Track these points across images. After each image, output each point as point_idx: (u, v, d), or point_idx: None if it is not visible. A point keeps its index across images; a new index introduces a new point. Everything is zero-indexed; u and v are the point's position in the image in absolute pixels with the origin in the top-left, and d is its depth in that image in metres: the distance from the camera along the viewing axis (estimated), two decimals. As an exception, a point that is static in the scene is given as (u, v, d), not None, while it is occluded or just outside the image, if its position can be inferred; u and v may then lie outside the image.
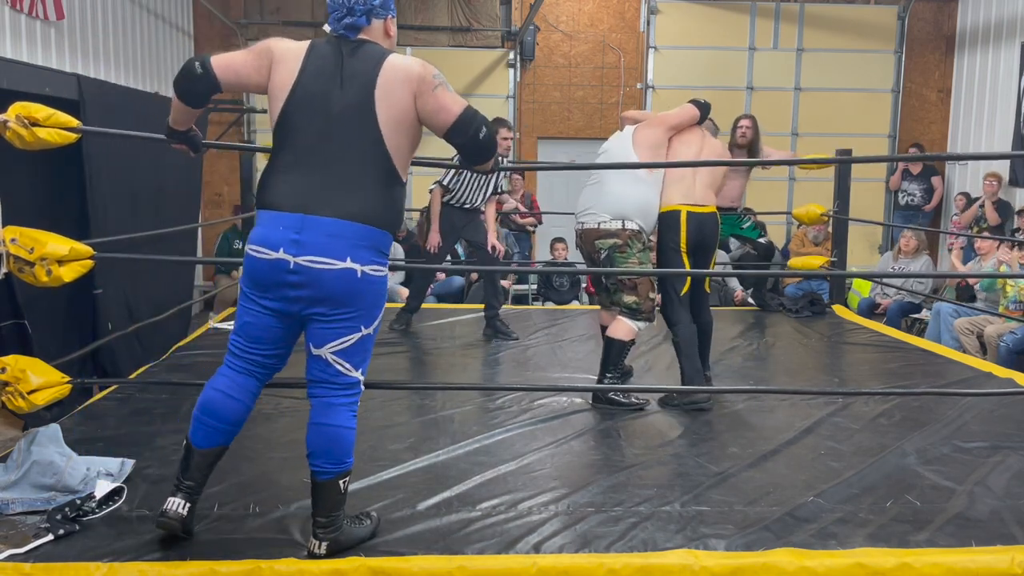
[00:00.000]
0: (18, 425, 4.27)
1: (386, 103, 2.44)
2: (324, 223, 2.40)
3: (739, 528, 2.74)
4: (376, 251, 2.46)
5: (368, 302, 2.48)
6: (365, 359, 2.57)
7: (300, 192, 2.43)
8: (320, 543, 2.50)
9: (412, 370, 5.04)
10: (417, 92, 2.46)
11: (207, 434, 2.54)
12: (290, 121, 2.48)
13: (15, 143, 3.24)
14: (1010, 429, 3.79)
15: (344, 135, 2.44)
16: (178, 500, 2.51)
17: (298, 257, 2.39)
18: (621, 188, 4.07)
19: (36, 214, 4.75)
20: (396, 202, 2.52)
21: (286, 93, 2.48)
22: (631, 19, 9.97)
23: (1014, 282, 6.27)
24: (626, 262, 4.05)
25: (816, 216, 6.62)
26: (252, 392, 2.59)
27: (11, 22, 5.39)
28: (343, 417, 2.51)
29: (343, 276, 2.40)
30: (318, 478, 2.50)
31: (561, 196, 9.92)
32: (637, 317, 4.11)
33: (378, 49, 2.52)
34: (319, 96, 2.46)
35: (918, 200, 9.52)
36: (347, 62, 2.47)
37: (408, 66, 2.48)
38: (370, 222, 2.43)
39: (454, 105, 2.50)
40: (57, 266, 3.22)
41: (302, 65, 2.48)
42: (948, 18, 10.03)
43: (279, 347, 2.57)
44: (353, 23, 2.52)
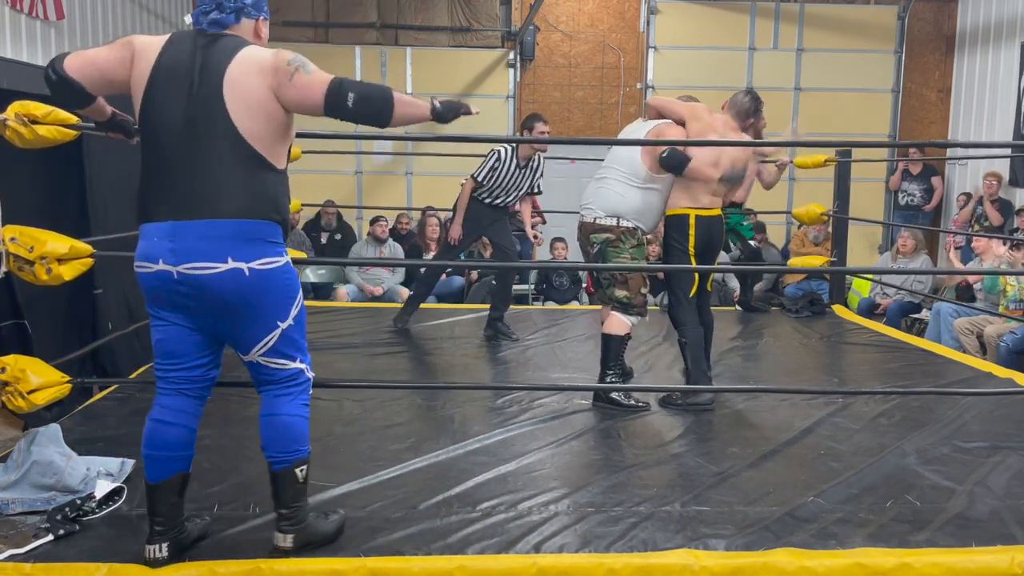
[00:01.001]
0: (18, 425, 4.27)
1: (236, 94, 2.31)
2: (195, 226, 2.30)
3: (739, 528, 2.74)
4: (261, 243, 2.35)
5: (272, 298, 2.38)
6: (299, 349, 2.49)
7: (169, 198, 2.33)
8: (286, 536, 2.47)
9: (412, 370, 5.04)
10: (275, 85, 2.34)
11: (157, 467, 2.43)
12: (148, 122, 2.37)
13: (15, 142, 3.24)
14: (1010, 429, 3.79)
15: (201, 132, 2.32)
16: (153, 547, 2.43)
17: (178, 266, 2.30)
18: (622, 189, 4.07)
19: (36, 214, 4.74)
20: (271, 189, 2.38)
21: (142, 90, 2.36)
22: (631, 19, 9.97)
23: (1014, 281, 6.27)
24: (618, 257, 4.06)
25: (816, 216, 6.62)
26: (186, 411, 2.47)
27: (11, 22, 5.39)
28: (292, 406, 2.47)
29: (229, 278, 2.30)
30: (273, 468, 2.46)
31: (561, 196, 9.91)
32: (629, 312, 4.11)
33: (234, 41, 2.40)
34: (172, 94, 2.34)
35: (918, 200, 9.52)
36: (200, 56, 2.35)
37: (261, 58, 2.36)
38: (245, 215, 2.32)
39: (316, 88, 2.36)
40: (57, 264, 3.22)
41: (156, 61, 2.36)
42: (948, 18, 10.03)
43: (199, 357, 2.46)
44: (219, 19, 2.41)
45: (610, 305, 4.16)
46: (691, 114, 4.10)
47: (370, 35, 9.62)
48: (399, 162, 9.75)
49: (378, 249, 8.06)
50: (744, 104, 4.19)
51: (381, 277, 7.92)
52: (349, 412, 3.92)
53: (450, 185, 6.58)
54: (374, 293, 7.78)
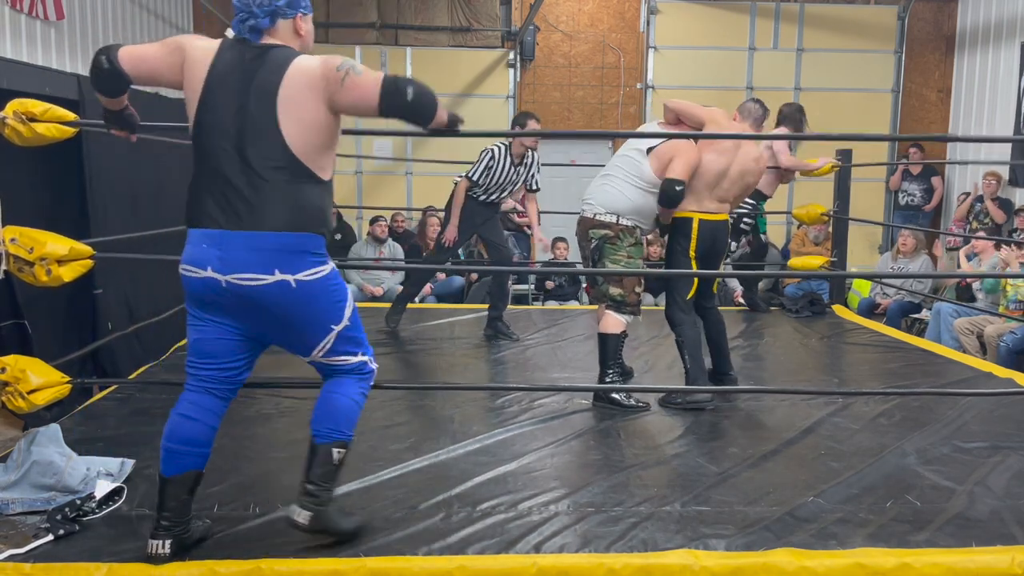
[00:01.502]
0: (18, 425, 4.27)
1: (290, 110, 2.35)
2: (243, 237, 2.34)
3: (739, 528, 2.74)
4: (306, 255, 2.39)
5: (321, 306, 2.43)
6: (359, 343, 2.56)
7: (219, 206, 2.37)
8: (303, 512, 2.47)
9: (412, 370, 5.04)
10: (327, 94, 2.37)
11: (175, 460, 2.46)
12: (202, 131, 2.41)
13: (14, 140, 3.24)
14: (1010, 429, 3.79)
15: (252, 145, 2.36)
16: (156, 542, 2.44)
17: (227, 275, 2.34)
18: (626, 188, 4.07)
19: (36, 214, 4.75)
20: (317, 202, 2.42)
21: (196, 100, 2.41)
22: (631, 19, 9.97)
23: (1014, 282, 6.27)
24: (615, 254, 4.07)
25: (816, 216, 6.62)
26: (211, 410, 2.50)
27: (11, 22, 5.39)
28: (351, 389, 2.54)
29: (277, 290, 2.35)
30: (314, 440, 2.50)
31: (561, 196, 9.91)
32: (623, 310, 4.11)
33: (283, 53, 2.42)
34: (225, 106, 2.38)
35: (918, 200, 9.52)
36: (250, 69, 2.39)
37: (311, 70, 2.38)
38: (291, 228, 2.36)
39: (370, 89, 2.39)
40: (57, 266, 3.22)
41: (209, 71, 2.41)
42: (948, 18, 10.03)
43: (235, 359, 2.49)
44: (255, 25, 2.44)
45: (604, 304, 4.16)
46: (711, 119, 4.10)
47: (370, 35, 9.62)
48: (399, 162, 9.75)
49: (378, 249, 8.06)
50: (757, 111, 4.36)
51: (381, 277, 7.92)
52: (349, 412, 3.92)
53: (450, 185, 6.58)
54: (374, 293, 7.78)
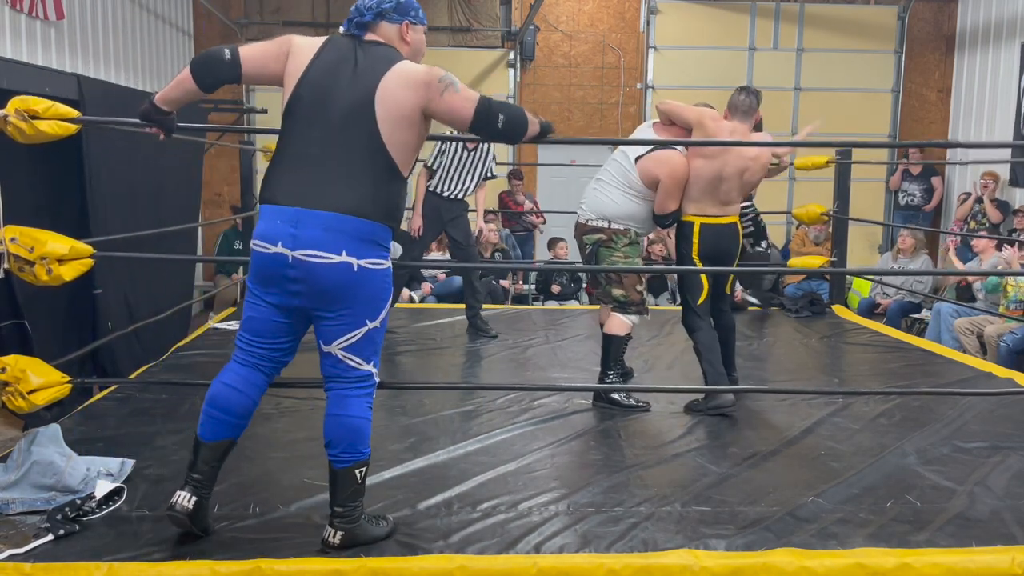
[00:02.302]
0: (18, 425, 4.27)
1: (387, 104, 2.45)
2: (320, 216, 2.41)
3: (739, 528, 2.74)
4: (374, 244, 2.48)
5: (368, 295, 2.49)
6: (375, 352, 2.59)
7: (298, 186, 2.45)
8: (335, 532, 2.53)
9: (412, 370, 5.04)
10: (425, 100, 2.49)
11: (213, 427, 2.55)
12: (295, 112, 2.51)
13: (16, 137, 3.24)
14: (1010, 429, 3.79)
15: (344, 130, 2.46)
16: (184, 493, 2.51)
17: (295, 251, 2.41)
18: (615, 195, 4.07)
19: (36, 214, 4.76)
20: (395, 197, 2.53)
21: (295, 82, 2.51)
22: (631, 19, 9.97)
23: (1015, 282, 6.27)
24: (611, 255, 4.07)
25: (816, 216, 6.62)
26: (257, 386, 2.60)
27: (11, 22, 5.39)
28: (359, 408, 2.55)
29: (339, 270, 2.42)
30: (335, 466, 2.54)
31: (561, 197, 9.92)
32: (627, 311, 4.11)
33: (390, 52, 2.55)
34: (324, 89, 2.48)
35: (918, 200, 9.52)
36: (359, 57, 2.51)
37: (414, 73, 2.50)
38: (367, 216, 2.45)
39: (465, 106, 2.53)
40: (57, 265, 3.22)
41: (315, 56, 2.51)
42: (948, 18, 10.03)
43: (283, 341, 2.58)
44: (360, 22, 2.57)
45: (611, 305, 4.16)
46: (698, 121, 4.01)
47: (370, 35, 9.62)
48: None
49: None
50: (744, 104, 4.12)
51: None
52: (349, 412, 3.92)
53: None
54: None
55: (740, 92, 4.17)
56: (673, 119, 4.13)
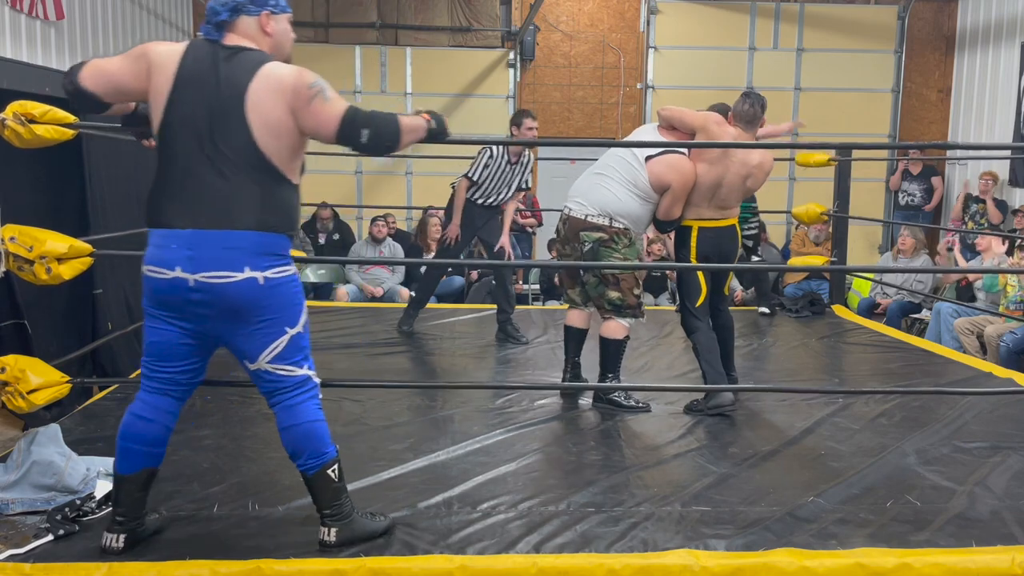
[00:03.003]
0: (18, 425, 4.27)
1: (258, 111, 2.36)
2: (217, 236, 2.36)
3: (739, 528, 2.74)
4: (273, 256, 2.42)
5: (281, 305, 2.44)
6: (306, 356, 2.53)
7: (188, 206, 2.38)
8: (330, 530, 2.53)
9: (412, 370, 5.04)
10: (292, 107, 2.38)
11: (130, 459, 2.50)
12: (170, 132, 2.41)
13: (13, 141, 3.24)
14: (1010, 429, 3.79)
15: (222, 144, 2.37)
16: (111, 535, 2.50)
17: (196, 274, 2.35)
18: (621, 193, 4.00)
19: (36, 214, 4.75)
20: (287, 204, 2.45)
21: (164, 102, 2.40)
22: (631, 19, 9.96)
23: (1015, 283, 6.27)
24: (610, 257, 4.00)
25: (816, 216, 6.61)
26: (168, 411, 2.53)
27: (11, 22, 5.38)
28: (308, 413, 2.51)
29: (245, 286, 2.37)
30: (306, 474, 2.52)
31: (561, 197, 9.89)
32: (623, 313, 4.06)
33: (255, 56, 2.43)
34: (193, 106, 2.38)
35: (918, 200, 9.52)
36: (221, 68, 2.39)
37: (281, 77, 2.39)
38: (263, 228, 2.39)
39: (330, 120, 2.41)
40: (57, 264, 3.22)
41: (177, 71, 2.40)
42: (948, 18, 10.03)
43: (191, 363, 2.52)
44: (218, 21, 2.44)
45: (604, 309, 4.10)
46: (702, 126, 3.99)
47: (370, 35, 9.62)
48: (399, 162, 9.75)
49: (377, 249, 8.06)
50: (747, 113, 4.07)
51: (381, 277, 7.92)
52: (349, 412, 3.92)
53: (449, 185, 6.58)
54: (374, 294, 7.78)
55: (744, 100, 4.09)
56: (676, 124, 4.08)
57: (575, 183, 4.24)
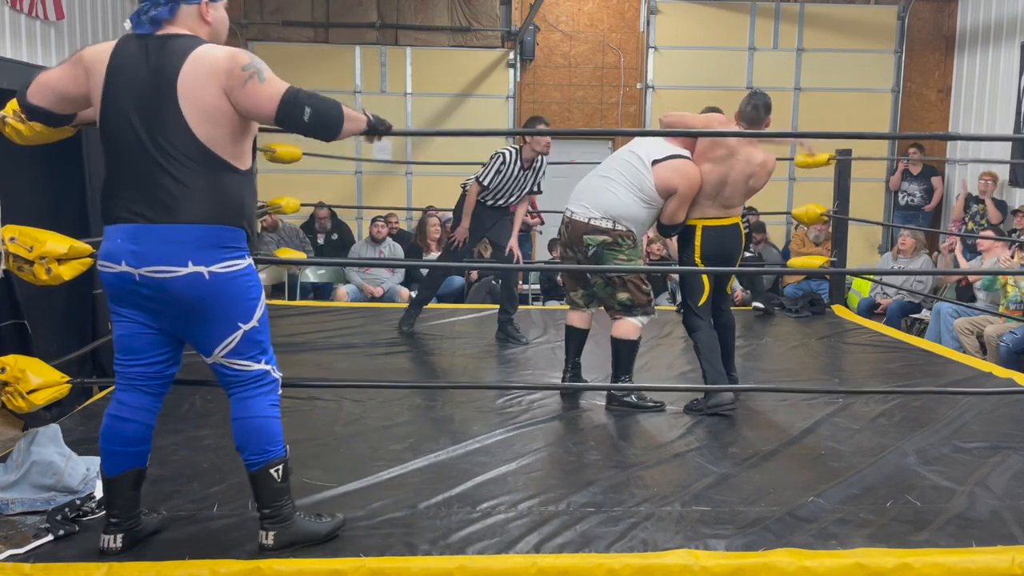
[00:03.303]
0: (18, 425, 4.27)
1: (192, 98, 2.29)
2: (158, 230, 2.31)
3: (739, 528, 2.74)
4: (222, 248, 2.36)
5: (231, 300, 2.38)
6: (263, 351, 2.49)
7: (132, 202, 2.34)
8: (267, 533, 2.50)
9: (412, 370, 5.04)
10: (227, 88, 2.31)
11: (114, 461, 2.48)
12: (108, 130, 2.38)
13: (14, 139, 3.23)
14: (1010, 429, 3.79)
15: (158, 136, 2.31)
16: (108, 537, 2.49)
17: (140, 268, 2.32)
18: (626, 197, 3.97)
19: (36, 214, 4.75)
20: (233, 193, 2.38)
21: (99, 101, 2.37)
22: (631, 19, 9.96)
23: (1015, 284, 6.27)
24: (615, 259, 3.99)
25: (816, 216, 6.62)
26: (144, 408, 2.50)
27: (11, 22, 5.39)
28: (260, 407, 2.47)
29: (189, 282, 2.32)
30: (249, 469, 2.49)
31: (562, 197, 9.89)
32: (634, 313, 4.05)
33: (186, 42, 2.35)
34: (127, 97, 2.33)
35: (918, 200, 9.52)
36: (151, 58, 2.33)
37: (214, 59, 2.32)
38: (207, 220, 2.33)
39: (269, 100, 2.33)
40: (57, 264, 3.22)
41: (108, 67, 2.36)
42: (948, 18, 10.03)
43: (160, 354, 2.48)
44: (155, 16, 2.36)
45: (614, 311, 4.08)
46: (705, 126, 4.03)
47: (370, 35, 9.61)
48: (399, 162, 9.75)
49: (377, 250, 8.06)
50: (750, 114, 4.08)
51: (381, 277, 7.92)
52: (349, 412, 3.92)
53: (450, 185, 6.57)
54: (374, 294, 7.78)
55: (748, 101, 4.10)
56: (679, 128, 4.08)
57: (577, 185, 4.22)
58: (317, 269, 8.53)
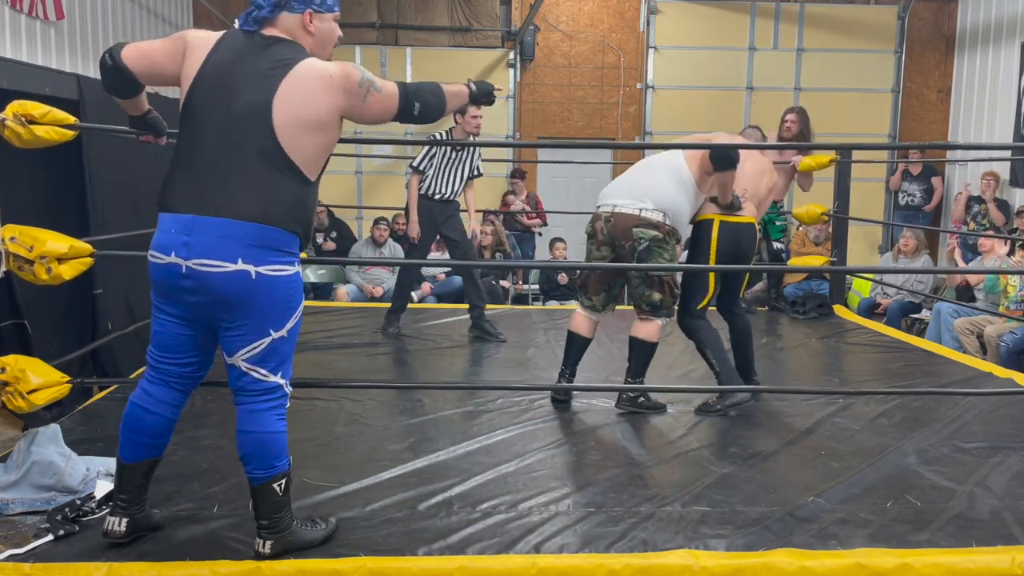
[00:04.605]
0: (18, 425, 4.27)
1: (289, 108, 2.32)
2: (214, 223, 2.30)
3: (739, 528, 2.74)
4: (274, 251, 2.35)
5: (270, 304, 2.37)
6: (283, 363, 2.47)
7: (193, 192, 2.34)
8: (264, 542, 2.48)
9: (412, 370, 5.04)
10: (346, 107, 2.39)
11: (131, 449, 2.50)
12: (191, 114, 2.39)
13: (13, 141, 3.24)
14: (1010, 429, 3.79)
15: (241, 133, 2.33)
16: (114, 519, 2.50)
17: (189, 260, 2.30)
18: (669, 186, 3.91)
19: (36, 214, 4.75)
20: (301, 201, 2.39)
21: (189, 84, 2.38)
22: (631, 19, 9.97)
23: (1016, 284, 6.27)
24: (661, 258, 3.87)
25: (816, 216, 6.61)
26: (170, 403, 2.51)
27: (11, 22, 5.38)
28: (267, 422, 2.44)
29: (236, 278, 2.30)
30: (252, 483, 2.47)
31: (562, 197, 9.92)
32: (660, 313, 3.96)
33: (293, 49, 2.39)
34: (220, 90, 2.35)
35: (918, 200, 9.52)
36: (255, 58, 2.36)
37: (327, 76, 2.36)
38: (265, 221, 2.32)
39: (388, 105, 2.47)
40: (57, 264, 3.22)
41: (208, 55, 2.38)
42: (948, 18, 10.03)
43: (192, 355, 2.49)
44: (257, 15, 2.41)
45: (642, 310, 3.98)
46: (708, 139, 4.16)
47: (370, 35, 9.62)
48: (399, 162, 9.75)
49: (377, 251, 8.06)
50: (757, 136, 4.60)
51: (381, 277, 7.92)
52: (349, 412, 3.92)
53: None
54: (374, 294, 7.78)
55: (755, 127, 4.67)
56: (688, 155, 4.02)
57: (610, 187, 4.09)
58: (317, 269, 8.53)
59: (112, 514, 2.52)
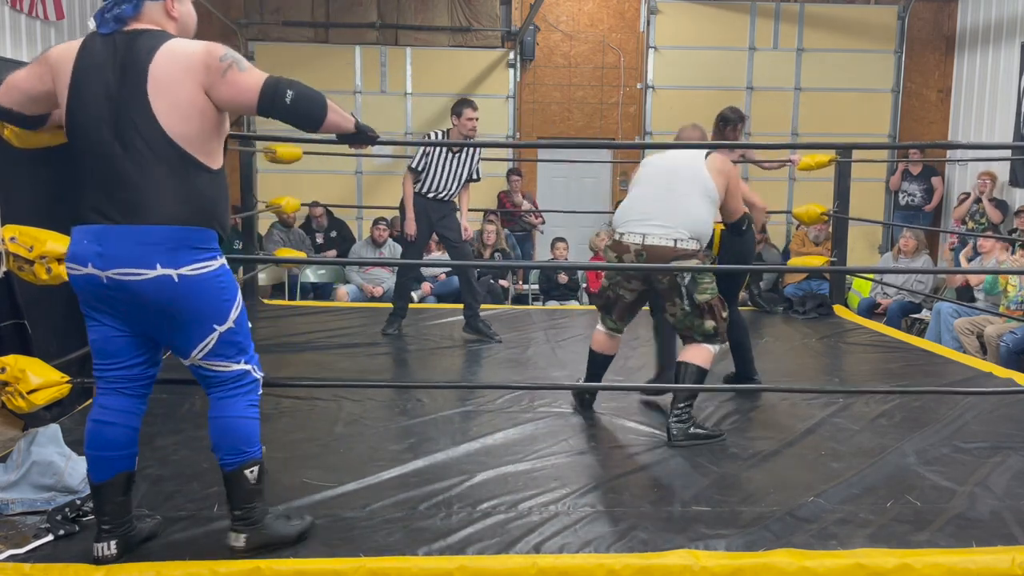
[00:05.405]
0: (18, 425, 4.26)
1: (164, 94, 2.23)
2: (125, 231, 2.26)
3: (739, 528, 2.74)
4: (192, 250, 2.29)
5: (205, 303, 2.32)
6: (242, 350, 2.43)
7: (100, 202, 2.30)
8: (238, 536, 2.47)
9: (412, 370, 5.04)
10: (206, 84, 2.26)
11: (101, 466, 2.43)
12: (75, 130, 2.33)
13: (12, 141, 3.23)
14: (1010, 429, 3.79)
15: (127, 135, 2.26)
16: (101, 544, 2.44)
17: (107, 271, 2.26)
18: (702, 210, 3.69)
19: (36, 214, 4.74)
20: (204, 193, 2.32)
21: (65, 101, 2.32)
22: (631, 19, 9.97)
23: (1016, 284, 6.27)
24: (700, 285, 3.65)
25: (816, 216, 6.62)
26: (127, 411, 2.45)
27: (11, 22, 5.39)
28: (238, 407, 2.42)
29: (159, 284, 2.26)
30: (223, 469, 2.45)
31: (561, 197, 9.92)
32: (714, 340, 3.73)
33: (153, 36, 2.29)
34: (94, 98, 2.28)
35: (918, 200, 9.52)
36: (119, 56, 2.27)
37: (190, 53, 2.26)
38: (176, 222, 2.27)
39: (251, 87, 2.29)
40: (57, 264, 3.21)
41: (74, 67, 2.30)
42: (948, 18, 10.03)
43: (136, 356, 2.43)
44: (119, 14, 2.31)
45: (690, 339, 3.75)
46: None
47: (370, 35, 9.62)
48: (399, 162, 9.75)
49: (377, 251, 8.06)
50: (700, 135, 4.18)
51: (381, 277, 7.92)
52: (349, 412, 3.92)
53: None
54: (374, 293, 7.78)
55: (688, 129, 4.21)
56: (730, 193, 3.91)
57: (632, 209, 3.77)
58: (317, 269, 8.53)
59: (98, 540, 2.44)
